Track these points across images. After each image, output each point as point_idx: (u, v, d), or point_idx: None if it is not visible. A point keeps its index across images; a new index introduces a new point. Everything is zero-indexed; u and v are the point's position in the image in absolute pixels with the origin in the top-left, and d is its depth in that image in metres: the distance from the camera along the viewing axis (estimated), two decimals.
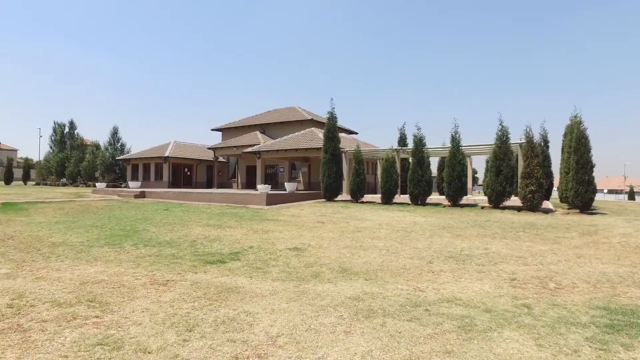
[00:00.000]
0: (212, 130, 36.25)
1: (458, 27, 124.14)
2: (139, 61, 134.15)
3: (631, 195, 49.74)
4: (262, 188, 18.78)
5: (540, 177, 15.67)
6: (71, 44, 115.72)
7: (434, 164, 26.60)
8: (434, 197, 20.19)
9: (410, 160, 23.98)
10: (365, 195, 19.94)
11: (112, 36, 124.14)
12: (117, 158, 35.90)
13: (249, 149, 26.36)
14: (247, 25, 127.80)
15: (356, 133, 37.04)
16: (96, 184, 26.75)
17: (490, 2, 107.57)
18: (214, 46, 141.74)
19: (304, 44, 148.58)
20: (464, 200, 18.20)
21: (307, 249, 7.88)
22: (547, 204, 17.81)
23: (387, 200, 18.77)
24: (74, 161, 38.66)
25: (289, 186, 20.77)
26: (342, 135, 23.68)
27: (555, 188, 23.73)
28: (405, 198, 19.75)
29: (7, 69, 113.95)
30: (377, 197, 20.70)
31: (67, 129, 42.75)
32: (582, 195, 15.01)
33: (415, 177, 18.09)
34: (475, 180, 43.00)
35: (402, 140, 29.53)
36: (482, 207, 17.01)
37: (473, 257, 7.33)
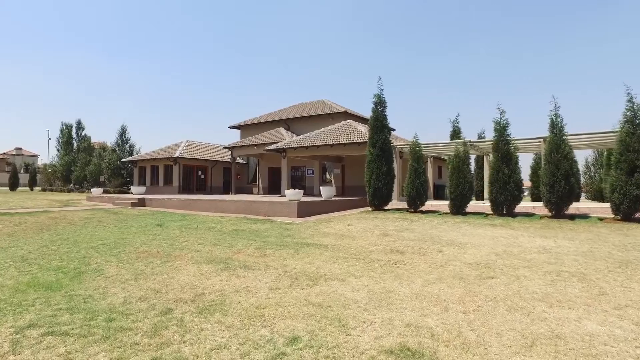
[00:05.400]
0: (230, 127, 31.96)
1: (463, 28, 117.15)
2: (152, 62, 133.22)
3: None
4: (291, 194, 14.04)
5: None
6: (92, 49, 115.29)
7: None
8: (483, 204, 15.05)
9: (482, 156, 19.18)
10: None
11: (133, 39, 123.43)
12: (122, 160, 31.78)
13: (272, 147, 21.86)
14: (267, 28, 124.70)
15: (393, 129, 32.06)
16: (92, 189, 22.72)
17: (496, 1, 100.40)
18: (233, 47, 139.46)
19: (323, 46, 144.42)
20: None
21: (436, 350, 3.16)
22: None
23: (459, 209, 13.83)
24: (81, 164, 34.94)
25: (325, 191, 15.99)
26: None
27: None
28: (478, 205, 14.85)
29: (27, 74, 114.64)
30: (437, 204, 15.81)
31: (74, 130, 39.18)
32: None
33: (499, 177, 13.10)
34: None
35: (456, 134, 24.76)
36: (600, 219, 11.95)
37: None
